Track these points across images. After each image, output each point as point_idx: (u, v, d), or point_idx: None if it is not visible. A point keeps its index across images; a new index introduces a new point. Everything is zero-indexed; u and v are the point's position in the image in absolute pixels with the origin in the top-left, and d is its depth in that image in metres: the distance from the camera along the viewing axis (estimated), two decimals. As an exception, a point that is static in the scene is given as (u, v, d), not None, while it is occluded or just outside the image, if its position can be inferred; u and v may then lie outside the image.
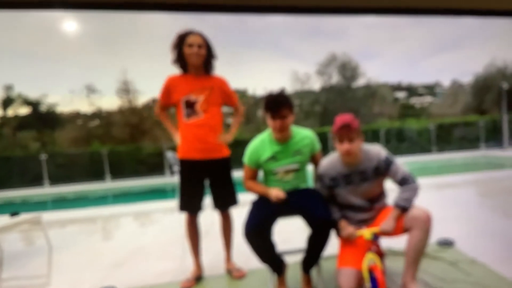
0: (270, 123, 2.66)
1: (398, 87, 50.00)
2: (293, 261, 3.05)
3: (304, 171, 2.88)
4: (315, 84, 30.98)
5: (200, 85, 3.04)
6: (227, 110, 3.60)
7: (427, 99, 49.19)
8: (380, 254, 2.74)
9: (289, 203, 2.62)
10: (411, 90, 52.78)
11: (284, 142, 2.76)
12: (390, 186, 2.67)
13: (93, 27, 32.81)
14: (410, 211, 2.39)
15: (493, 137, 19.17)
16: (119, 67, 28.20)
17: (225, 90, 3.17)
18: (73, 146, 22.54)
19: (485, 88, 27.92)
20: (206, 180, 3.15)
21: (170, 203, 6.85)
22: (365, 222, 2.70)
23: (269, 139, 2.79)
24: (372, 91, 30.50)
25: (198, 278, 3.15)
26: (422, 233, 2.36)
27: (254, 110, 29.02)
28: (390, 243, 3.34)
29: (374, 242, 2.51)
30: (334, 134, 2.53)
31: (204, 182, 3.15)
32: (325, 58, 29.88)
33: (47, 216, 6.45)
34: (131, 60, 38.33)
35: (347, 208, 2.69)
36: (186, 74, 3.06)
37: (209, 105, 3.05)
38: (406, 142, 19.37)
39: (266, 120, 2.69)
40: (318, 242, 2.56)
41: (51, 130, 26.35)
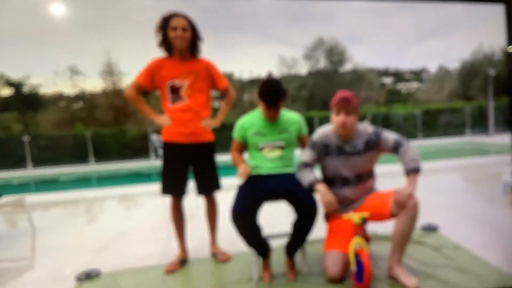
0: (263, 111, 2.75)
1: (385, 73, 50.17)
2: (278, 245, 3.04)
3: (290, 154, 2.89)
4: (302, 68, 30.95)
5: (185, 69, 2.96)
6: (216, 94, 3.55)
7: (414, 85, 49.47)
8: (366, 239, 2.74)
9: (275, 188, 2.64)
10: (398, 76, 53.01)
11: (273, 121, 2.82)
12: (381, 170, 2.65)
13: (77, 8, 32.10)
14: (397, 196, 2.37)
15: (479, 123, 19.38)
16: (103, 49, 27.64)
17: (212, 73, 3.08)
18: (56, 128, 22.14)
19: (471, 74, 28.06)
20: (190, 164, 3.10)
21: (155, 187, 6.78)
22: (349, 200, 2.70)
23: (258, 116, 2.86)
24: (359, 76, 30.55)
25: (183, 261, 3.12)
26: (409, 219, 2.36)
27: (240, 94, 28.88)
28: (375, 228, 3.35)
29: (361, 227, 2.51)
30: (332, 106, 2.60)
31: (187, 166, 3.09)
32: (312, 43, 29.80)
33: (30, 198, 6.34)
34: (115, 41, 37.81)
35: (334, 181, 2.69)
36: (171, 58, 2.98)
37: (194, 90, 2.98)
38: (392, 128, 19.44)
39: (254, 103, 2.70)
40: (304, 227, 2.56)
41: (34, 112, 25.87)
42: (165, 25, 2.89)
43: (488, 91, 19.46)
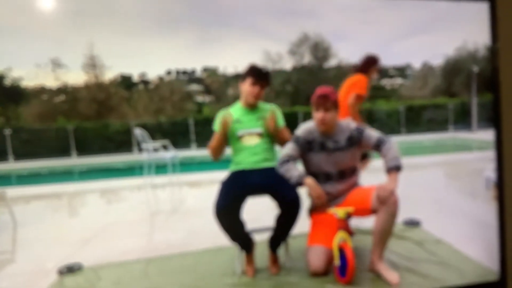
0: (247, 89, 2.79)
1: (369, 69, 50.19)
2: (261, 239, 3.03)
3: (271, 146, 2.88)
4: (287, 64, 30.86)
5: None
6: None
7: (398, 81, 49.80)
8: (350, 233, 2.75)
9: (258, 182, 2.62)
10: (382, 72, 53.09)
11: (251, 108, 2.86)
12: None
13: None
14: (379, 191, 2.37)
15: (462, 119, 19.53)
16: (86, 41, 27.24)
17: None
18: (38, 122, 21.82)
19: (455, 71, 28.26)
20: None
21: (138, 181, 6.74)
22: (332, 195, 2.69)
23: (237, 106, 2.93)
24: (343, 72, 30.59)
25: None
26: (389, 216, 2.36)
27: (224, 88, 28.75)
28: (357, 223, 3.36)
29: (345, 221, 2.51)
30: (312, 102, 2.61)
31: None
32: (297, 38, 29.75)
33: (12, 191, 6.23)
34: (98, 34, 37.15)
35: (317, 177, 2.67)
36: None
37: None
38: (376, 123, 19.55)
39: (238, 98, 2.87)
40: (287, 222, 2.56)
41: (16, 105, 25.38)
42: None
43: (471, 88, 19.67)
